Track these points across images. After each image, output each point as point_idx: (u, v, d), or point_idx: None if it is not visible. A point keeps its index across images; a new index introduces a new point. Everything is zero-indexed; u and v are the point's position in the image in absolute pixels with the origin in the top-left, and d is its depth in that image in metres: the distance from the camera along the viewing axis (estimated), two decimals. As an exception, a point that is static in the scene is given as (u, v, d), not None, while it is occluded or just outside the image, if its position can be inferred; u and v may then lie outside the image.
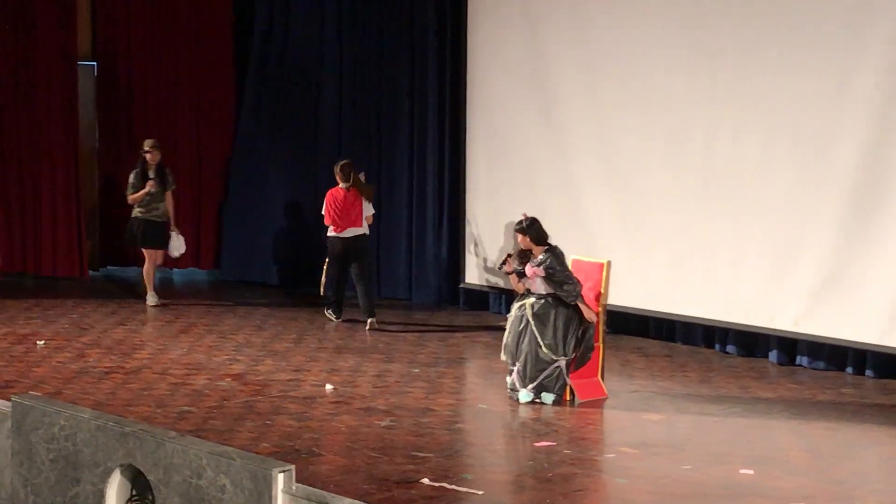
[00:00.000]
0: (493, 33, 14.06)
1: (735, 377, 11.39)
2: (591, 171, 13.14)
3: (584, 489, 8.14)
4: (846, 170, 11.26)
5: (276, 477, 7.50)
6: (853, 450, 9.17)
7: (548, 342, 10.19)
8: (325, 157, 15.73)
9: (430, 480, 8.03)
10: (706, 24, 12.18)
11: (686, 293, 12.43)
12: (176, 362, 11.52)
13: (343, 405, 10.09)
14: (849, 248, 11.29)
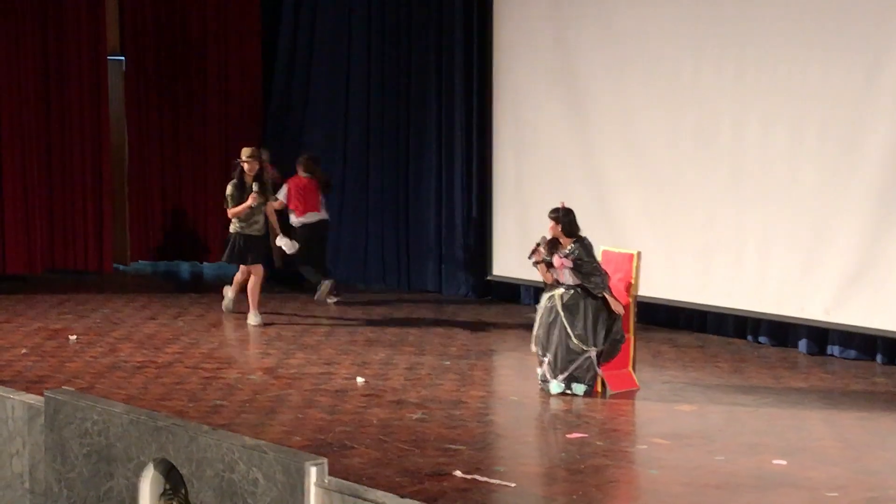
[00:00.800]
0: (520, 26, 14.03)
1: (767, 367, 11.36)
2: (619, 163, 13.12)
3: (617, 481, 8.13)
4: (875, 160, 11.21)
5: (308, 470, 7.52)
6: (886, 439, 9.14)
7: (578, 333, 10.18)
8: (352, 150, 15.76)
9: (462, 473, 8.04)
10: (734, 17, 12.13)
11: (716, 284, 12.40)
12: (207, 356, 11.55)
13: (374, 398, 10.11)
14: (878, 238, 11.24)
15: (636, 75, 12.93)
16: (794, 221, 11.79)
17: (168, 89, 16.52)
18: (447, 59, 14.88)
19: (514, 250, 13.84)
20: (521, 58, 14.04)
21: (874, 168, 11.23)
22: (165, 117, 16.53)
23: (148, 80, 16.52)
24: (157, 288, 15.39)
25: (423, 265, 15.24)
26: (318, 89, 16.00)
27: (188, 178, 16.61)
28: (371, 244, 15.68)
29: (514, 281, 14.23)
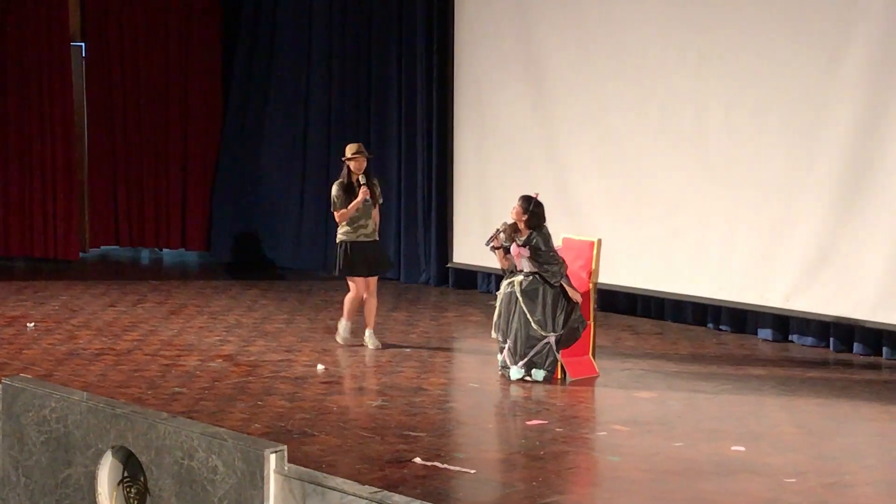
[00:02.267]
0: (483, 13, 14.01)
1: (726, 354, 11.41)
2: (582, 149, 13.13)
3: (576, 467, 8.15)
4: (837, 147, 11.26)
5: (268, 457, 7.50)
6: (844, 425, 9.19)
7: (537, 319, 10.20)
8: (314, 138, 15.73)
9: (421, 459, 8.04)
10: (697, 5, 12.15)
11: (677, 271, 12.43)
12: (167, 343, 11.50)
13: (335, 385, 10.09)
14: (837, 227, 11.29)
15: (599, 63, 12.94)
16: (756, 209, 11.84)
17: (129, 76, 16.41)
18: (408, 48, 14.84)
19: (475, 238, 13.81)
20: (483, 45, 14.02)
21: (835, 157, 11.28)
22: (127, 104, 16.43)
23: (109, 67, 16.40)
24: (116, 275, 15.31)
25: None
26: (279, 76, 15.94)
27: (149, 166, 16.51)
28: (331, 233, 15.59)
29: (474, 268, 14.22)
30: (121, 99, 16.42)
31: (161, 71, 16.41)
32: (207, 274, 15.59)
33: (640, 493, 7.53)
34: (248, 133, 16.15)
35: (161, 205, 16.57)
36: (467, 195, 14.24)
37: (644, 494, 7.51)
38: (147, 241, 16.68)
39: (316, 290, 14.32)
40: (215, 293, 14.09)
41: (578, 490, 7.85)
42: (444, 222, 14.61)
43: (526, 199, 10.28)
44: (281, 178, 15.93)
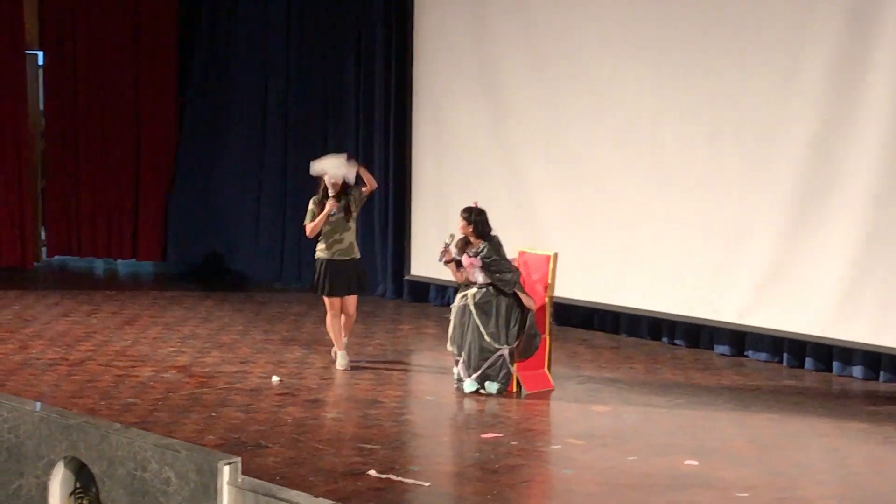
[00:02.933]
0: (440, 26, 14.04)
1: (680, 369, 11.46)
2: (539, 164, 13.16)
3: (531, 480, 8.16)
4: (791, 164, 11.34)
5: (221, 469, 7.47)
6: (795, 441, 9.25)
7: (490, 331, 10.21)
8: (272, 149, 15.70)
9: (376, 472, 8.02)
10: (653, 15, 12.21)
11: (633, 285, 12.48)
12: (121, 354, 11.44)
13: (290, 397, 10.06)
14: (793, 242, 11.36)
15: (556, 77, 12.98)
16: (711, 225, 11.90)
17: (86, 85, 16.32)
18: (367, 59, 14.85)
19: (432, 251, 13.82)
20: (441, 58, 14.04)
21: (789, 174, 11.35)
22: (84, 113, 16.34)
23: (66, 76, 16.32)
24: (70, 285, 15.21)
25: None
26: (235, 87, 15.91)
27: (103, 175, 16.42)
28: (288, 244, 15.61)
29: (432, 281, 14.23)
30: (78, 108, 16.34)
31: (118, 80, 16.33)
32: (162, 284, 15.53)
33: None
34: (205, 144, 16.10)
35: (116, 215, 16.48)
36: (425, 208, 14.24)
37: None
38: (102, 252, 16.59)
39: (272, 301, 14.28)
40: (170, 304, 14.03)
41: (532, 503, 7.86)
42: (402, 235, 14.60)
43: (467, 211, 10.32)
44: (237, 188, 15.89)
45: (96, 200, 16.43)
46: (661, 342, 12.53)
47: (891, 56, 10.67)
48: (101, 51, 16.30)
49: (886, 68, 10.70)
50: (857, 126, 10.90)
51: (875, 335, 10.88)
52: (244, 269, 15.83)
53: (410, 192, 14.42)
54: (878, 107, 10.75)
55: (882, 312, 10.84)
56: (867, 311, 10.93)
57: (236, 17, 15.92)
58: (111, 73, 16.33)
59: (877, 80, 10.75)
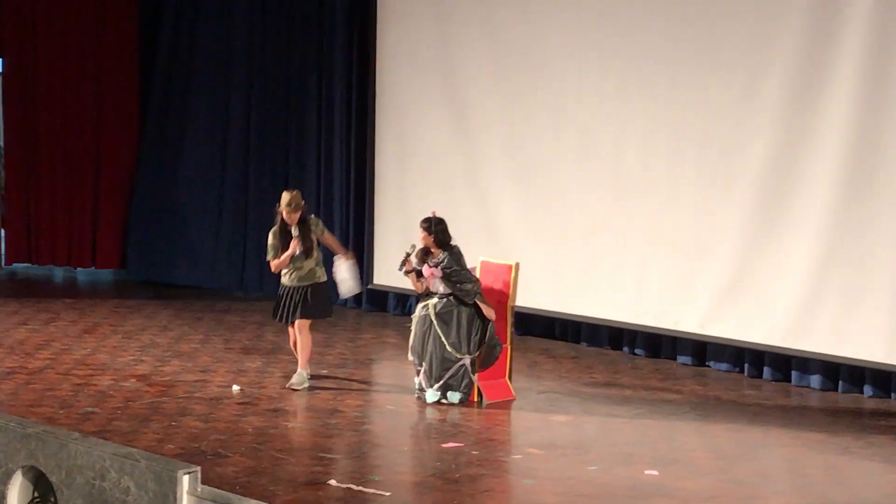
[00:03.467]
0: (404, 34, 14.04)
1: (641, 379, 11.49)
2: (502, 172, 13.18)
3: (491, 490, 8.16)
4: (752, 176, 11.40)
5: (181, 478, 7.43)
6: (755, 450, 9.29)
7: (452, 341, 10.21)
8: (232, 157, 15.65)
9: (337, 482, 8.01)
10: (616, 28, 12.26)
11: (595, 295, 12.50)
12: (80, 363, 11.37)
13: (250, 406, 10.03)
14: (752, 254, 11.43)
15: (519, 88, 13.01)
16: (673, 235, 11.95)
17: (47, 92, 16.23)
18: (328, 70, 14.83)
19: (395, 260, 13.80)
20: (404, 66, 14.04)
21: (749, 184, 11.42)
22: (44, 119, 16.24)
23: (27, 82, 16.22)
24: (29, 293, 15.11)
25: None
26: (197, 99, 15.85)
27: (63, 183, 16.33)
28: (249, 252, 15.57)
29: (394, 290, 14.21)
30: (38, 114, 16.24)
31: (79, 87, 16.24)
32: (122, 293, 15.45)
33: (554, 517, 7.56)
34: (166, 152, 16.03)
35: (76, 222, 16.39)
36: (388, 218, 14.23)
37: (558, 518, 7.54)
38: (61, 260, 16.49)
39: (232, 310, 14.24)
40: (130, 312, 13.96)
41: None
42: (362, 245, 14.59)
43: (426, 221, 10.32)
44: (198, 196, 15.82)
45: (56, 208, 16.33)
46: (622, 352, 12.56)
47: (850, 72, 10.75)
48: (63, 57, 16.20)
49: (846, 85, 10.78)
50: (816, 140, 10.97)
51: (834, 346, 10.95)
52: (205, 277, 15.76)
53: (373, 201, 14.40)
54: (838, 121, 10.83)
55: (840, 323, 10.91)
56: (826, 321, 10.99)
57: (197, 28, 15.86)
58: (73, 80, 16.23)
59: (836, 95, 10.83)
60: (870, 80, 10.65)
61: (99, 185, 16.36)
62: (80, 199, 16.37)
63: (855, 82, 10.73)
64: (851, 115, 10.75)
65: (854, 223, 10.78)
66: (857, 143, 10.74)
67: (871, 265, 10.70)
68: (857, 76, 10.71)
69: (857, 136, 10.74)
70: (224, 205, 15.74)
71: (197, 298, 15.02)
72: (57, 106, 16.23)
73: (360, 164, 14.64)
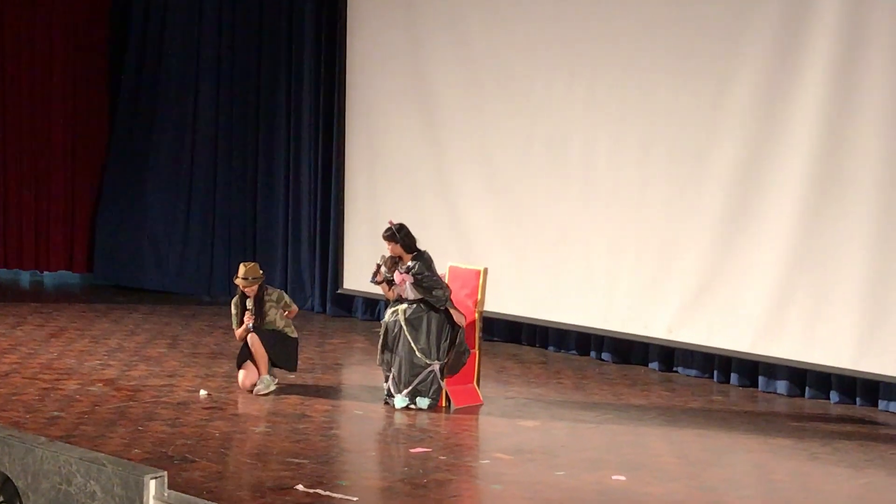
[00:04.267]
0: (374, 40, 14.05)
1: (608, 384, 11.52)
2: (471, 178, 13.20)
3: (459, 495, 8.16)
4: (719, 182, 11.45)
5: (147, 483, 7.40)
6: (723, 456, 9.32)
7: (421, 347, 10.21)
8: (200, 161, 15.62)
9: (304, 487, 7.99)
10: (585, 35, 12.30)
11: (563, 300, 12.53)
12: (46, 367, 11.31)
13: (217, 411, 10.00)
14: (719, 260, 11.47)
15: (489, 92, 13.03)
16: (641, 241, 11.98)
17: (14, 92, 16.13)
18: (297, 74, 14.84)
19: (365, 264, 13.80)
20: (374, 72, 14.04)
21: (717, 191, 11.47)
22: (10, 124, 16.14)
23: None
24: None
25: (269, 278, 15.11)
26: (165, 100, 15.79)
27: (30, 185, 16.23)
28: (217, 257, 15.54)
29: (364, 296, 14.20)
30: (5, 118, 16.13)
31: (47, 88, 16.15)
32: (89, 297, 15.38)
33: (522, 522, 7.57)
34: (134, 156, 15.96)
35: (43, 226, 16.29)
36: (358, 223, 14.22)
37: (526, 523, 7.55)
38: (27, 263, 16.38)
39: (200, 315, 14.19)
40: (97, 317, 13.90)
41: (461, 518, 7.87)
42: (328, 250, 14.57)
43: (388, 231, 10.28)
44: (166, 201, 15.77)
45: (22, 211, 16.23)
46: (590, 357, 12.58)
47: (818, 80, 10.81)
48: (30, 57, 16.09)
49: (813, 92, 10.84)
50: (784, 146, 11.04)
51: (801, 352, 11.01)
52: (172, 282, 15.71)
53: (343, 207, 14.39)
54: (806, 128, 10.89)
55: (807, 329, 10.96)
56: (793, 327, 11.05)
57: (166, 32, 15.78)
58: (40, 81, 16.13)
59: (803, 102, 10.90)
60: (837, 87, 10.71)
61: (66, 189, 16.27)
62: (48, 203, 16.27)
63: (822, 89, 10.79)
64: (819, 121, 10.81)
65: (821, 229, 10.84)
66: (824, 150, 10.80)
67: (837, 272, 10.77)
68: (824, 83, 10.78)
69: (824, 143, 10.80)
70: (192, 209, 15.69)
71: (164, 303, 14.96)
72: (25, 110, 16.14)
73: (329, 169, 14.63)
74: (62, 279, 16.49)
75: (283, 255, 15.02)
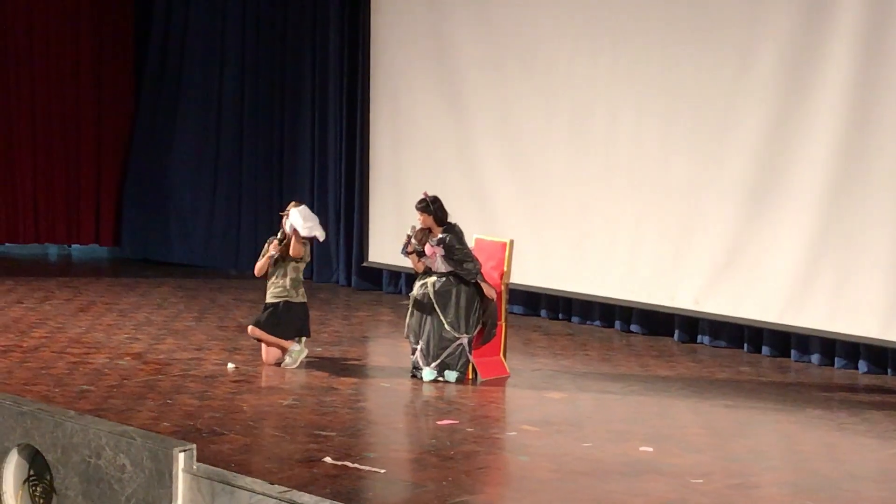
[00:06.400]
0: (397, 15, 14.04)
1: (635, 355, 11.51)
2: (495, 152, 13.19)
3: (486, 467, 8.18)
4: (744, 153, 11.41)
5: (176, 456, 7.45)
6: (749, 427, 9.31)
7: (450, 320, 10.21)
8: (226, 135, 15.66)
9: (332, 459, 8.02)
10: (607, 9, 12.27)
11: (589, 272, 12.53)
12: (75, 341, 11.38)
13: (245, 384, 10.04)
14: (745, 229, 11.44)
15: (512, 67, 13.01)
16: (666, 212, 11.96)
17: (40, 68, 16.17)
18: (322, 50, 14.85)
19: (390, 239, 13.85)
20: (398, 49, 14.04)
21: (742, 162, 11.43)
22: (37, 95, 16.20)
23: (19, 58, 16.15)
24: (24, 271, 15.10)
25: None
26: (191, 78, 15.82)
27: (59, 160, 16.30)
28: (244, 231, 15.58)
29: (390, 268, 14.23)
30: (29, 91, 16.18)
31: (73, 65, 16.22)
32: (117, 271, 15.45)
33: (548, 493, 7.58)
34: (160, 130, 16.02)
35: (72, 200, 16.36)
36: (383, 197, 14.24)
37: (552, 494, 7.56)
38: (56, 237, 16.45)
39: (226, 289, 14.24)
40: (125, 290, 13.97)
41: (488, 490, 7.88)
42: (356, 222, 14.59)
43: (422, 202, 10.28)
44: (193, 174, 15.83)
45: (50, 186, 16.29)
46: (616, 329, 12.58)
47: (843, 50, 10.75)
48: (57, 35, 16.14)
49: (839, 62, 10.78)
50: (809, 118, 10.98)
51: (829, 322, 10.98)
52: (199, 255, 15.77)
53: (367, 182, 14.40)
54: (831, 100, 10.84)
55: (835, 299, 10.93)
56: (820, 298, 11.02)
57: (192, 11, 15.83)
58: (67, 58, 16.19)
59: (829, 73, 10.84)
60: (864, 59, 10.65)
61: (93, 164, 16.33)
62: (76, 178, 16.34)
63: (848, 60, 10.73)
64: (845, 92, 10.75)
65: (848, 200, 10.80)
66: (850, 122, 10.75)
67: (864, 242, 10.72)
68: (851, 54, 10.71)
69: (850, 115, 10.74)
70: (218, 183, 15.73)
71: (191, 276, 15.02)
72: (51, 86, 16.18)
73: (353, 145, 14.64)
74: (89, 253, 16.56)
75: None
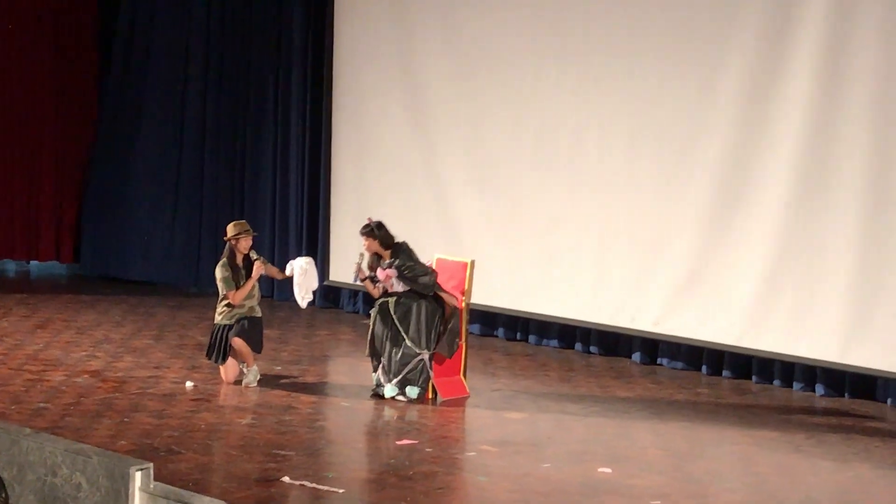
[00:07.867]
0: (362, 30, 14.02)
1: (595, 376, 11.53)
2: (460, 169, 13.19)
3: (446, 487, 8.17)
4: (708, 173, 11.45)
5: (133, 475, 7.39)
6: (708, 448, 9.34)
7: (411, 336, 10.21)
8: (188, 152, 15.59)
9: (290, 479, 7.99)
10: (573, 24, 12.29)
11: (551, 293, 12.52)
12: (32, 358, 11.30)
13: (203, 402, 9.99)
14: (709, 251, 11.47)
15: (478, 84, 13.01)
16: (629, 232, 11.98)
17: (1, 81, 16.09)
18: (285, 66, 14.79)
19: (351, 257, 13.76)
20: (362, 63, 14.01)
21: (706, 183, 11.46)
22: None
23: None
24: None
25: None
26: (152, 90, 15.76)
27: (17, 176, 16.18)
28: (204, 248, 15.51)
29: (350, 287, 14.17)
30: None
31: (34, 77, 16.11)
32: (76, 287, 15.35)
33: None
34: (120, 145, 15.93)
35: (30, 216, 16.25)
36: (345, 215, 14.18)
37: (512, 515, 7.56)
38: (15, 253, 16.33)
39: (186, 306, 14.18)
40: (83, 307, 13.88)
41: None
42: (320, 241, 14.55)
43: (366, 228, 10.32)
44: (152, 191, 15.74)
45: (9, 201, 16.18)
46: (576, 350, 12.59)
47: (805, 67, 10.82)
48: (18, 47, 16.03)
49: (800, 79, 10.85)
50: (771, 136, 11.05)
51: (787, 345, 11.02)
52: (159, 272, 15.69)
53: (329, 198, 14.37)
54: (793, 117, 10.90)
55: (794, 322, 10.97)
56: (780, 320, 11.06)
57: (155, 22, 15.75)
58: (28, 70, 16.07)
59: (791, 90, 10.90)
60: (826, 77, 10.72)
61: (53, 179, 16.23)
62: (35, 193, 16.23)
63: (810, 79, 10.80)
64: (807, 112, 10.81)
65: (809, 221, 10.85)
66: (812, 141, 10.81)
67: (824, 265, 10.78)
68: (813, 73, 10.78)
69: (812, 134, 10.80)
70: (179, 200, 15.66)
71: (151, 294, 14.95)
72: (11, 99, 16.09)
73: (316, 161, 14.61)
74: (48, 270, 16.46)
75: (270, 247, 14.98)
